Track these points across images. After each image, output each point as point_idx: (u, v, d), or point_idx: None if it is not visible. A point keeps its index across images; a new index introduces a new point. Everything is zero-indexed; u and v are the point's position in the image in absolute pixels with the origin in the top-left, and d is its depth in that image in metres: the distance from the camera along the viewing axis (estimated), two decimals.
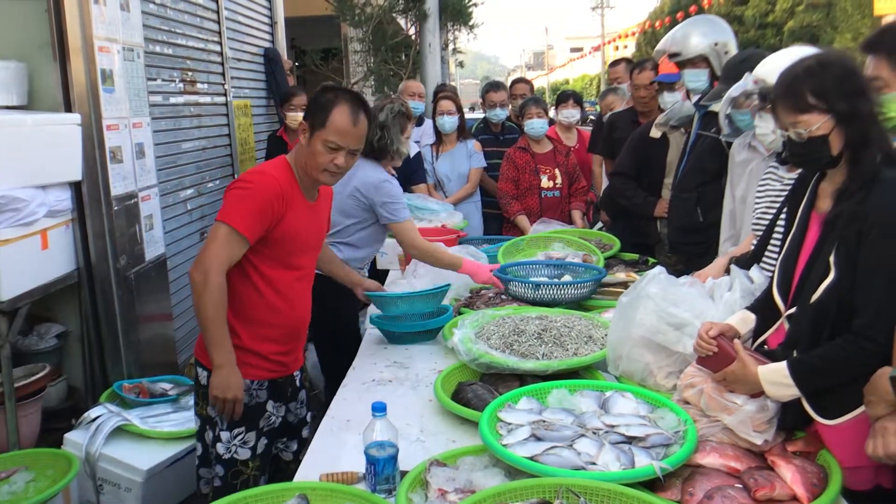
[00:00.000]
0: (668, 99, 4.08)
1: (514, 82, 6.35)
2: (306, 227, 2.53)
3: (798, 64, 1.89)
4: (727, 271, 2.46)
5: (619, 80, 5.58)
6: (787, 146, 1.92)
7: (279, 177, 2.43)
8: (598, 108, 5.81)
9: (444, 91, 6.05)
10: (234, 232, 2.32)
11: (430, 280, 3.34)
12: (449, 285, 3.22)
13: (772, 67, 2.32)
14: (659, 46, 3.74)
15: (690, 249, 3.41)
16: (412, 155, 4.98)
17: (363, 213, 3.39)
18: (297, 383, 2.70)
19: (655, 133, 4.13)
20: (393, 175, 3.56)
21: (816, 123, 1.83)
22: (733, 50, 3.49)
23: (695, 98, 3.65)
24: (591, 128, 5.74)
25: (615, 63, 5.97)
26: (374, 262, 4.40)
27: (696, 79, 3.53)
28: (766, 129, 2.45)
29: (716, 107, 3.18)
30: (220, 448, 2.47)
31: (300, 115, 5.57)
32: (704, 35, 3.51)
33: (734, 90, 2.74)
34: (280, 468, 2.72)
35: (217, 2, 5.85)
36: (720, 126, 2.98)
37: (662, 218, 4.03)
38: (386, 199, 3.36)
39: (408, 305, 3.03)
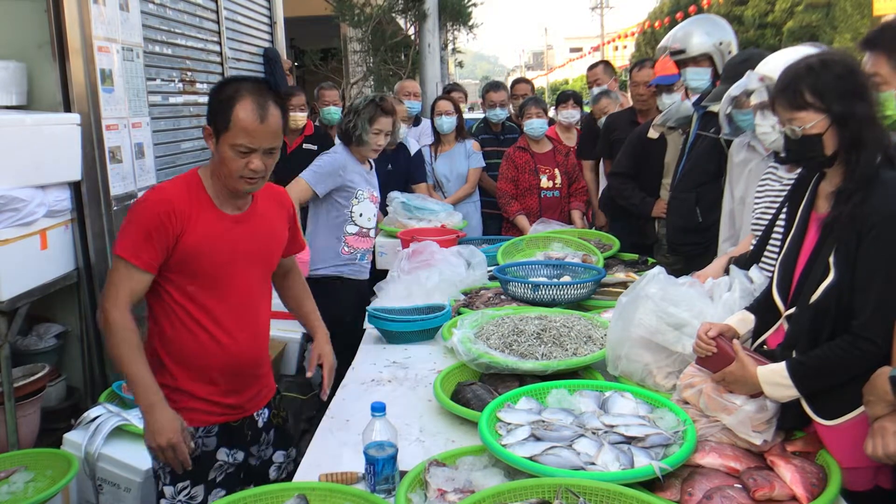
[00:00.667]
0: (667, 100, 4.10)
1: (515, 82, 6.35)
2: (226, 243, 2.14)
3: (801, 61, 1.89)
4: (726, 271, 2.46)
5: (598, 82, 5.58)
6: (784, 142, 1.93)
7: (173, 191, 2.10)
8: (588, 108, 5.77)
9: (457, 90, 6.07)
10: (126, 263, 2.02)
11: (426, 294, 3.32)
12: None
13: (776, 65, 2.31)
14: (661, 44, 3.74)
15: (689, 250, 3.42)
16: (413, 153, 4.99)
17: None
18: (261, 423, 2.34)
19: (653, 133, 4.13)
20: (369, 168, 3.79)
21: (811, 122, 1.83)
22: (735, 50, 3.49)
23: (694, 97, 3.65)
24: None
25: (594, 65, 5.96)
26: (374, 263, 4.41)
27: (699, 77, 3.52)
28: (768, 127, 2.44)
29: (715, 107, 3.18)
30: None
31: (299, 115, 5.57)
32: (708, 34, 3.50)
33: (735, 89, 2.73)
34: None
35: (216, 2, 5.86)
36: (720, 126, 2.98)
37: (660, 218, 4.03)
38: (314, 162, 3.67)
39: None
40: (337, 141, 3.80)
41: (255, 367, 2.29)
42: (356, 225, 3.73)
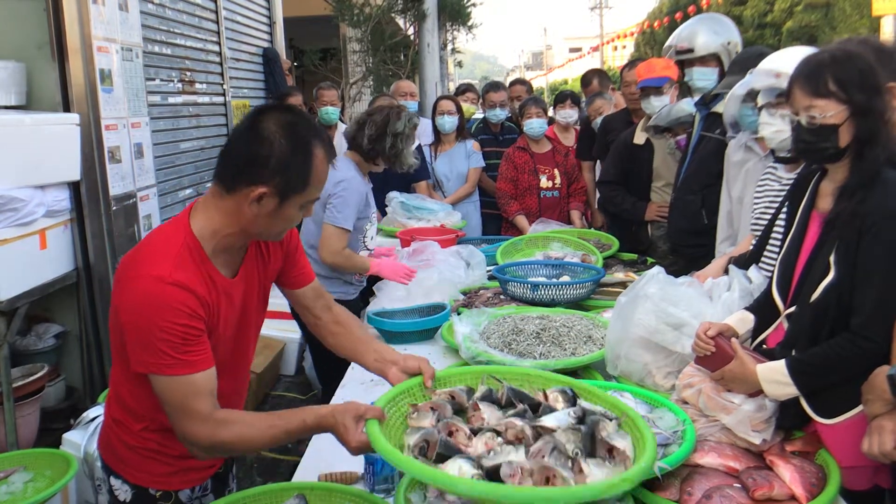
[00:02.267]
0: (656, 103, 4.02)
1: (512, 84, 6.36)
2: (235, 314, 1.81)
3: (823, 52, 1.90)
4: (726, 272, 2.46)
5: (592, 90, 5.58)
6: (795, 132, 1.91)
7: (188, 276, 1.63)
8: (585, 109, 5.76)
9: (471, 90, 6.07)
10: (183, 379, 1.61)
11: (426, 294, 3.33)
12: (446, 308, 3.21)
13: (789, 62, 2.28)
14: (668, 43, 3.69)
15: (693, 252, 3.39)
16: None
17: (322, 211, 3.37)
18: (231, 460, 2.10)
19: (639, 139, 4.11)
20: (366, 181, 3.51)
21: (832, 111, 1.82)
22: (741, 49, 3.46)
23: (693, 98, 3.63)
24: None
25: (587, 80, 5.91)
26: None
27: (705, 78, 3.47)
28: (781, 125, 2.39)
29: (719, 108, 3.16)
30: None
31: None
32: (716, 33, 3.46)
33: (739, 87, 2.72)
34: None
35: (216, 2, 5.86)
36: (725, 127, 2.96)
37: (654, 222, 4.03)
38: (339, 197, 3.31)
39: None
40: (345, 160, 3.42)
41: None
42: (367, 249, 3.62)
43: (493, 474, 1.44)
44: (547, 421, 1.62)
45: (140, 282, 1.62)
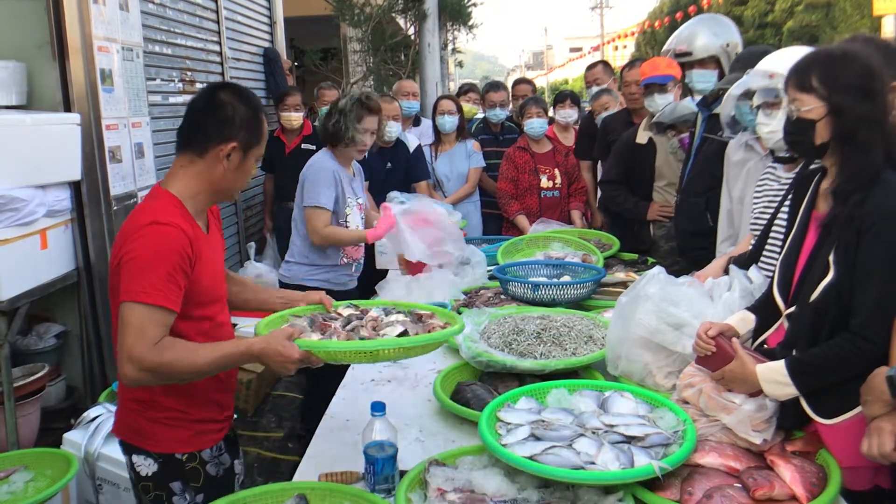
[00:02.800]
0: (660, 101, 4.03)
1: (516, 83, 6.36)
2: (212, 261, 2.08)
3: (825, 49, 1.93)
4: (726, 271, 2.46)
5: (598, 82, 5.56)
6: (785, 124, 1.95)
7: (175, 217, 1.94)
8: (587, 107, 5.74)
9: (473, 91, 6.09)
10: (148, 308, 1.82)
11: (427, 293, 3.32)
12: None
13: (784, 62, 2.29)
14: (667, 46, 3.69)
15: (698, 254, 3.39)
16: (412, 149, 4.98)
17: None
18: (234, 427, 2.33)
19: (642, 138, 4.10)
20: (353, 174, 3.66)
21: (810, 106, 1.84)
22: (740, 50, 3.46)
23: (697, 98, 3.62)
24: None
25: (593, 65, 5.93)
26: (373, 262, 4.40)
27: (705, 80, 3.47)
28: (775, 126, 2.40)
29: (719, 109, 3.16)
30: None
31: (294, 115, 5.57)
32: (715, 35, 3.45)
33: (736, 88, 2.72)
34: None
35: (216, 1, 5.86)
36: (723, 126, 2.95)
37: (655, 222, 4.02)
38: (309, 179, 3.50)
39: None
40: (321, 151, 3.66)
41: (233, 373, 2.28)
42: None
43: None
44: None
45: (140, 231, 1.90)
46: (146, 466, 2.05)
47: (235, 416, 2.33)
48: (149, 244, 1.87)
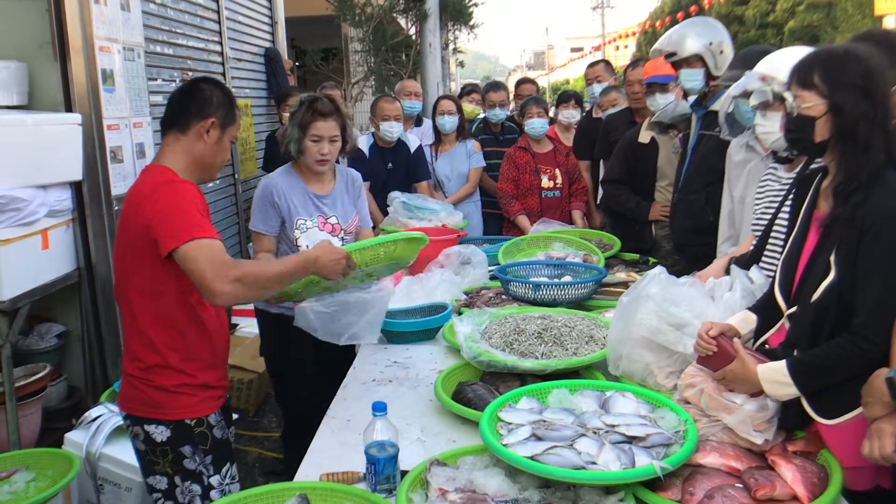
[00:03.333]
0: (661, 100, 4.06)
1: (520, 82, 6.37)
2: None
3: (828, 48, 1.94)
4: (727, 272, 2.45)
5: (600, 79, 5.56)
6: (786, 121, 1.95)
7: (170, 173, 2.25)
8: (587, 106, 5.72)
9: (475, 91, 6.10)
10: (208, 241, 2.11)
11: (427, 293, 3.32)
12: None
13: (779, 65, 2.30)
14: (656, 46, 3.74)
15: (698, 251, 3.39)
16: (413, 149, 4.98)
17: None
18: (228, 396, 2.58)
19: (644, 138, 4.12)
20: (332, 188, 3.26)
21: (810, 103, 1.85)
22: (727, 49, 3.49)
23: (691, 99, 3.64)
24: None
25: (594, 63, 5.94)
26: None
27: (693, 78, 3.52)
28: (770, 127, 2.42)
29: (716, 105, 3.17)
30: (215, 495, 2.30)
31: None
32: (699, 35, 3.52)
33: (735, 89, 2.73)
34: None
35: (217, 2, 5.86)
36: (720, 126, 2.96)
37: (657, 221, 4.03)
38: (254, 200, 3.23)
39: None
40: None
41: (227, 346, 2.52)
42: None
43: None
44: None
45: (160, 190, 2.17)
46: (160, 434, 2.26)
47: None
48: (175, 196, 2.16)
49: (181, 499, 2.30)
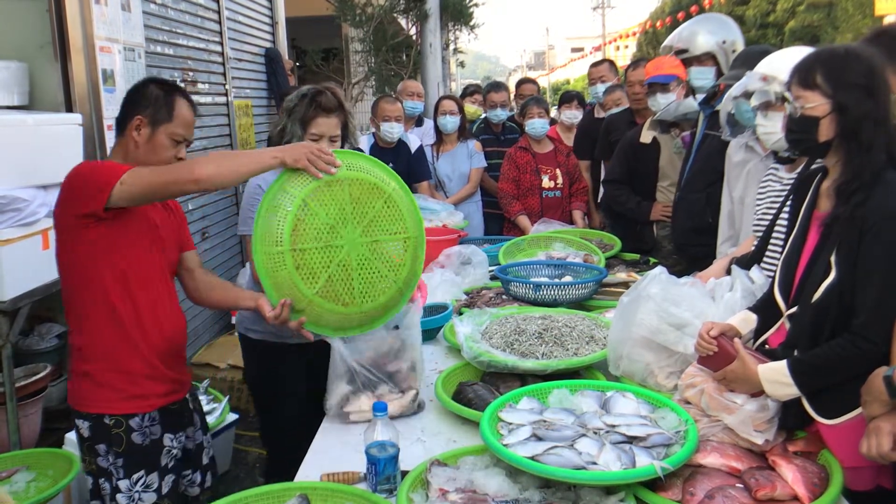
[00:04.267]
0: (662, 100, 4.05)
1: (521, 82, 6.37)
2: (148, 230, 2.33)
3: (829, 47, 1.93)
4: (728, 272, 2.45)
5: (604, 79, 5.55)
6: (787, 122, 1.94)
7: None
8: (593, 103, 5.71)
9: (478, 92, 6.10)
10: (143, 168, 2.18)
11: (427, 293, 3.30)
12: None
13: (780, 65, 2.30)
14: (666, 42, 3.72)
15: (697, 251, 3.39)
16: (414, 150, 4.99)
17: None
18: (191, 406, 2.50)
19: (646, 138, 4.11)
20: None
21: (814, 103, 1.85)
22: (740, 48, 3.47)
23: (700, 97, 3.63)
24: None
25: (598, 62, 5.93)
26: None
27: (703, 76, 3.50)
28: (772, 128, 2.42)
29: (720, 106, 3.16)
30: (120, 499, 2.24)
31: None
32: (712, 33, 3.49)
33: (736, 89, 2.72)
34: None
35: (218, 2, 5.86)
36: (722, 126, 2.96)
37: (659, 221, 4.02)
38: (242, 202, 2.89)
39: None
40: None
41: (183, 350, 2.47)
42: None
43: None
44: None
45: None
46: (85, 429, 2.26)
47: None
48: (82, 166, 2.28)
49: (104, 494, 2.27)
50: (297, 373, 2.85)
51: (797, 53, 2.10)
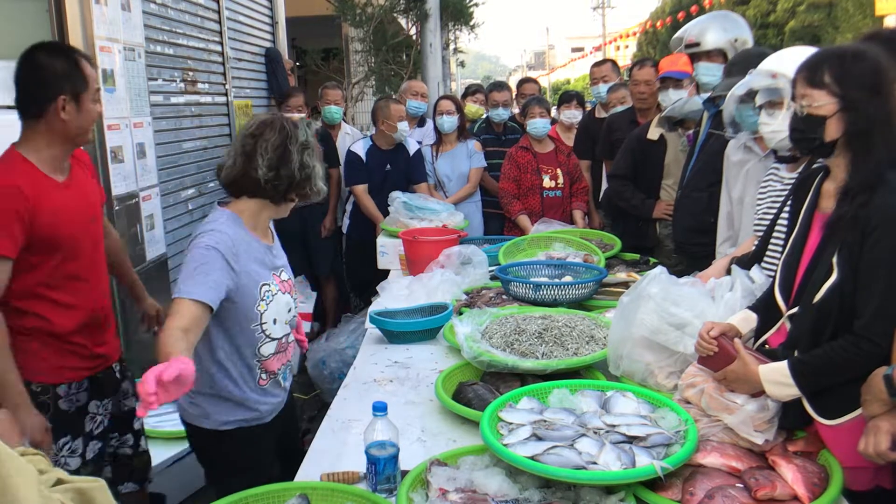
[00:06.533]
0: (673, 95, 4.05)
1: (522, 82, 6.38)
2: (69, 208, 2.36)
3: (835, 47, 1.93)
4: (728, 272, 2.45)
5: (606, 79, 5.55)
6: (791, 121, 1.93)
7: (10, 180, 2.22)
8: (594, 103, 5.71)
9: (479, 92, 6.11)
10: None
11: (428, 293, 3.32)
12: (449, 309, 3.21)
13: (788, 62, 2.29)
14: (678, 34, 3.70)
15: (698, 250, 3.39)
16: (412, 152, 4.99)
17: None
18: (118, 374, 2.63)
19: (653, 134, 4.11)
20: (272, 239, 2.42)
21: (821, 102, 1.84)
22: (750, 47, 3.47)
23: (704, 95, 3.62)
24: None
25: (601, 62, 5.93)
26: (375, 262, 4.41)
27: (710, 73, 3.49)
28: (777, 126, 2.41)
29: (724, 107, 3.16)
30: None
31: (297, 115, 5.58)
32: (725, 30, 3.48)
33: (739, 88, 2.72)
34: (123, 464, 2.67)
35: (218, 2, 5.86)
36: (725, 126, 2.95)
37: (661, 220, 4.02)
38: (188, 253, 2.16)
39: None
40: (220, 215, 2.24)
41: (110, 319, 2.59)
42: (271, 339, 2.28)
43: None
44: None
45: None
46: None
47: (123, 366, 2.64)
48: None
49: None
50: (269, 447, 2.41)
51: (804, 52, 2.10)
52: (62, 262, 2.34)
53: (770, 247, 2.31)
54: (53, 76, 2.27)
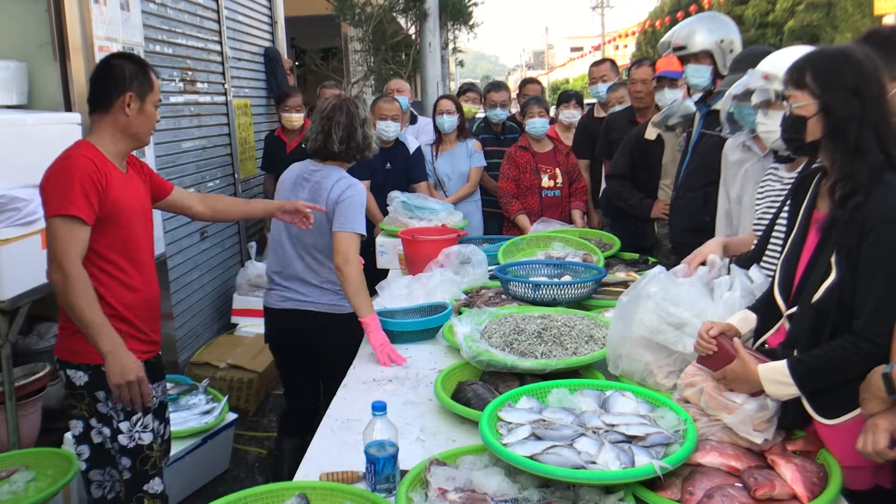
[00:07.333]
0: (669, 95, 4.06)
1: (525, 82, 6.39)
2: (131, 197, 2.56)
3: (823, 48, 1.94)
4: (728, 271, 2.45)
5: (605, 78, 5.56)
6: (781, 122, 1.96)
7: (87, 154, 2.44)
8: (593, 103, 5.72)
9: (473, 90, 6.11)
10: (67, 220, 2.33)
11: (427, 293, 3.32)
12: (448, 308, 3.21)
13: (781, 64, 2.30)
14: (664, 39, 3.72)
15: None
16: (412, 151, 4.99)
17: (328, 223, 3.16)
18: (161, 363, 2.82)
19: (651, 134, 4.12)
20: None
21: (801, 102, 1.86)
22: (738, 48, 3.47)
23: (696, 96, 3.63)
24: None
25: (600, 62, 5.93)
26: (374, 262, 4.40)
27: (699, 75, 3.50)
28: (772, 126, 2.42)
29: (719, 105, 3.17)
30: (122, 440, 2.50)
31: (295, 115, 5.60)
32: (711, 31, 3.49)
33: (736, 87, 2.73)
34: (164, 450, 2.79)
35: (217, 1, 5.86)
36: (722, 124, 2.96)
37: (660, 219, 4.02)
38: (343, 202, 3.09)
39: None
40: (337, 170, 3.21)
41: (158, 309, 2.74)
42: None
43: None
44: None
45: (54, 163, 2.44)
46: (78, 378, 2.48)
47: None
48: (61, 168, 2.38)
49: (95, 440, 2.52)
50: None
51: (799, 53, 2.10)
52: (125, 243, 2.52)
53: (769, 246, 2.31)
54: (123, 75, 2.50)
